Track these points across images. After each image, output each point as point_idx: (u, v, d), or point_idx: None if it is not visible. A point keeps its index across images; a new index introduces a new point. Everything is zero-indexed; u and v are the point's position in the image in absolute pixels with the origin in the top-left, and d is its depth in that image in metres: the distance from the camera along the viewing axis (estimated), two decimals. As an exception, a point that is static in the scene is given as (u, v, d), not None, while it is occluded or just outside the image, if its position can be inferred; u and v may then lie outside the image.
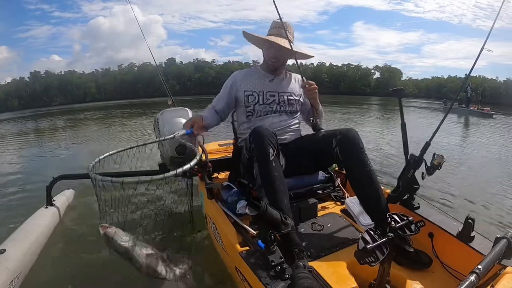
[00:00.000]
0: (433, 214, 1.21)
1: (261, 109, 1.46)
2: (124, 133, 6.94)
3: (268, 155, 1.08)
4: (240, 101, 1.49)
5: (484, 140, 5.86)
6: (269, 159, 1.08)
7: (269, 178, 1.07)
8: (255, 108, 1.46)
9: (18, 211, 2.15)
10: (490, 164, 3.84)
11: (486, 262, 0.78)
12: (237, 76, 1.53)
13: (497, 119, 10.18)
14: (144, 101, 24.14)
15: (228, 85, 1.51)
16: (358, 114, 11.63)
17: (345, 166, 1.24)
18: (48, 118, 14.36)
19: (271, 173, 1.08)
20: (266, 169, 1.08)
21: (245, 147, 1.28)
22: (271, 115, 1.47)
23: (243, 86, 1.48)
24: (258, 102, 1.46)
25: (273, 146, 1.10)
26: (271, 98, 1.48)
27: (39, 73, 42.52)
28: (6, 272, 1.24)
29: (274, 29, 1.45)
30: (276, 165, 1.10)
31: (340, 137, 1.22)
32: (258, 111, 1.46)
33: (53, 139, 6.84)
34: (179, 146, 1.53)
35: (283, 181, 1.10)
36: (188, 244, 1.76)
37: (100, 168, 1.38)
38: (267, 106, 1.47)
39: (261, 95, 1.47)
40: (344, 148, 1.21)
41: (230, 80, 1.52)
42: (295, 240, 1.00)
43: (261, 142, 1.10)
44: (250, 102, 1.46)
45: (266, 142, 1.09)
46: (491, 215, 2.16)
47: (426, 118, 10.18)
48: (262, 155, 1.09)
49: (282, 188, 1.08)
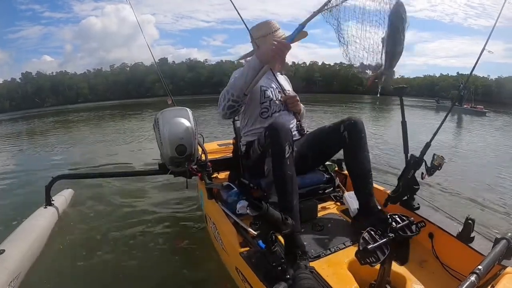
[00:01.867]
0: (433, 214, 1.21)
1: (276, 106, 1.45)
2: (119, 134, 6.94)
3: (284, 151, 1.07)
4: (255, 97, 1.42)
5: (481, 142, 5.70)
6: (284, 155, 1.07)
7: (282, 176, 1.06)
8: (271, 104, 1.44)
9: (17, 211, 2.14)
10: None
11: (486, 262, 0.79)
12: None
13: (490, 117, 10.30)
14: (139, 102, 24.11)
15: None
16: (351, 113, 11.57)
17: (348, 148, 1.28)
18: (40, 119, 14.30)
19: (285, 170, 1.06)
20: (281, 166, 1.07)
21: (257, 143, 1.28)
22: (283, 112, 1.47)
23: (258, 77, 1.33)
24: (273, 99, 1.45)
25: (289, 143, 1.09)
26: (279, 94, 1.49)
27: (30, 74, 42.29)
28: (6, 273, 1.24)
29: (271, 36, 1.41)
30: (291, 163, 1.08)
31: (348, 123, 1.27)
32: (274, 107, 1.44)
33: (50, 140, 6.82)
34: (179, 146, 1.53)
35: (295, 181, 1.09)
36: (188, 244, 1.76)
37: (100, 168, 1.38)
38: (279, 102, 1.47)
39: (273, 92, 1.47)
40: (352, 131, 1.25)
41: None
42: (298, 241, 1.00)
43: (278, 138, 1.08)
44: (267, 98, 1.43)
45: (283, 138, 1.08)
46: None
47: (419, 117, 10.11)
48: (278, 151, 1.07)
49: (294, 188, 1.07)
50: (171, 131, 1.54)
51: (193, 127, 1.59)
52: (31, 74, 42.20)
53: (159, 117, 1.58)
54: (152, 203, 2.37)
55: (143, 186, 2.71)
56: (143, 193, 2.59)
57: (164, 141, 1.55)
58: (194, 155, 1.62)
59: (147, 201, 2.41)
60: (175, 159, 1.57)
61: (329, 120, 6.56)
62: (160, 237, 1.83)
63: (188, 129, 1.56)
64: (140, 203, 2.37)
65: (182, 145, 1.53)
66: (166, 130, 1.54)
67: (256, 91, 1.40)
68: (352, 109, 13.22)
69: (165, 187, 2.66)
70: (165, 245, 1.75)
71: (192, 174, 1.75)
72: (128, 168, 3.52)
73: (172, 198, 2.45)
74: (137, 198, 2.47)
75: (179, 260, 1.61)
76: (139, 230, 1.92)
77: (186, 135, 1.55)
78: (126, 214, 2.16)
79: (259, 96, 1.42)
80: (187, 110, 1.65)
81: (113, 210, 2.24)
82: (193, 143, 1.58)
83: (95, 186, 2.66)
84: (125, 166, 3.60)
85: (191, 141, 1.56)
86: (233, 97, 1.18)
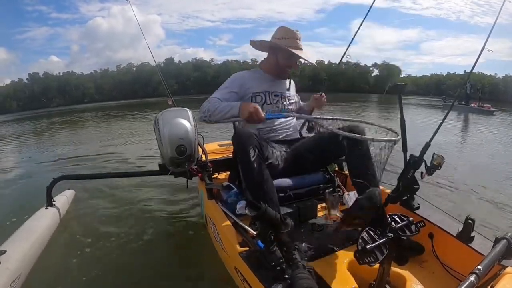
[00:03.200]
0: (433, 214, 1.21)
1: (269, 109, 1.48)
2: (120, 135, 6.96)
3: (249, 155, 1.10)
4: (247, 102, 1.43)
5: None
6: (250, 160, 1.10)
7: (252, 179, 1.10)
8: (264, 107, 1.45)
9: (19, 211, 2.15)
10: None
11: (486, 262, 0.78)
12: (245, 76, 1.53)
13: (498, 116, 9.95)
14: (146, 101, 24.15)
15: (238, 84, 1.48)
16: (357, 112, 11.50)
17: (349, 158, 1.27)
18: (46, 119, 14.36)
19: (253, 174, 1.10)
20: (249, 171, 1.11)
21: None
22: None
23: (251, 87, 1.49)
24: (266, 102, 1.49)
25: (253, 146, 1.12)
26: (276, 98, 1.53)
27: (37, 74, 42.32)
28: (7, 273, 1.24)
29: (291, 40, 1.46)
30: (258, 166, 1.11)
31: (347, 131, 1.25)
32: (267, 111, 1.44)
33: (53, 141, 6.85)
34: (179, 147, 1.53)
35: (267, 180, 1.12)
36: (188, 244, 1.76)
37: (101, 169, 1.38)
38: (274, 105, 1.51)
39: (267, 95, 1.51)
40: (352, 140, 1.20)
41: (240, 80, 1.49)
42: (294, 241, 1.00)
43: (241, 144, 1.15)
44: (258, 103, 1.44)
45: (246, 143, 1.13)
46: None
47: (424, 115, 9.94)
48: (244, 157, 1.12)
49: (266, 187, 1.10)
50: (171, 132, 1.54)
51: (193, 128, 1.59)
52: (38, 74, 42.31)
53: (159, 118, 1.59)
54: (153, 204, 2.38)
55: (144, 186, 2.71)
56: (144, 193, 2.59)
57: (164, 142, 1.55)
58: (194, 156, 1.62)
59: (148, 202, 2.42)
60: (175, 159, 1.57)
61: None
62: (161, 237, 1.84)
63: (188, 129, 1.56)
64: (140, 204, 2.38)
65: (182, 145, 1.54)
66: (166, 131, 1.54)
67: (248, 98, 1.47)
68: (361, 109, 13.04)
69: (165, 187, 2.67)
70: (166, 245, 1.76)
71: (193, 175, 1.76)
72: (129, 168, 3.53)
73: (172, 199, 2.45)
74: (138, 199, 2.47)
75: (179, 260, 1.62)
76: (140, 230, 1.92)
77: (186, 135, 1.55)
78: (127, 215, 2.16)
79: (250, 101, 1.45)
80: (187, 110, 1.65)
81: (114, 210, 2.25)
82: (193, 144, 1.58)
83: (96, 187, 2.67)
84: (126, 167, 3.62)
85: (191, 142, 1.56)
86: (209, 117, 1.33)
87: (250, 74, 1.56)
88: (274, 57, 1.52)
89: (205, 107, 1.34)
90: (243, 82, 1.48)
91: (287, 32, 1.47)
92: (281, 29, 1.49)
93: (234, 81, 1.49)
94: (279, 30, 1.49)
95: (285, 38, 1.46)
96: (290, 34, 1.47)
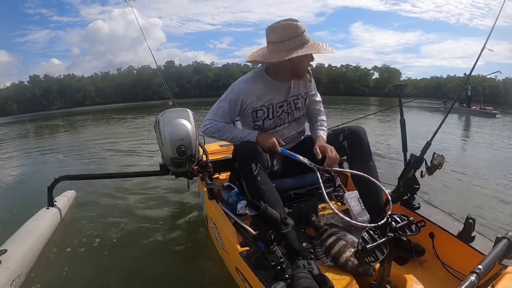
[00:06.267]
0: (434, 214, 1.21)
1: (271, 124, 1.36)
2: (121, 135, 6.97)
3: (252, 169, 1.13)
4: (247, 117, 1.37)
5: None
6: (252, 173, 1.12)
7: (257, 192, 1.12)
8: (265, 122, 1.36)
9: (20, 211, 2.16)
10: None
11: (486, 262, 0.78)
12: (242, 90, 1.31)
13: (501, 118, 9.83)
14: (146, 104, 24.19)
15: (238, 103, 1.32)
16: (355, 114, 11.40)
17: (350, 159, 1.28)
18: (47, 121, 14.38)
19: (258, 187, 1.12)
20: (252, 183, 1.13)
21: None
22: (280, 128, 1.38)
23: (252, 102, 1.32)
24: (268, 117, 1.35)
25: (255, 160, 1.14)
26: (280, 109, 1.36)
27: (38, 77, 42.62)
28: (8, 273, 1.25)
29: (299, 38, 1.18)
30: (262, 177, 1.13)
31: (348, 132, 1.28)
32: (268, 126, 1.37)
33: (54, 142, 6.87)
34: (180, 147, 1.53)
35: (272, 191, 1.14)
36: (189, 244, 1.76)
37: (103, 169, 1.38)
38: (277, 119, 1.37)
39: (271, 109, 1.34)
40: (353, 141, 1.26)
41: (236, 97, 1.31)
42: (296, 241, 1.00)
43: (243, 159, 1.17)
44: (259, 117, 1.35)
45: (248, 158, 1.15)
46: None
47: (423, 118, 9.63)
48: (246, 170, 1.14)
49: (272, 198, 1.11)
50: (171, 132, 1.54)
51: (194, 128, 1.59)
52: (39, 77, 42.64)
53: (159, 118, 1.59)
54: (153, 204, 2.38)
55: (145, 186, 2.71)
56: (145, 193, 2.60)
57: (165, 142, 1.55)
58: (195, 156, 1.62)
59: (149, 202, 2.42)
60: (176, 159, 1.57)
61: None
62: (162, 237, 1.84)
63: (188, 130, 1.56)
64: (141, 204, 2.38)
65: (182, 145, 1.53)
66: (166, 131, 1.55)
67: (248, 114, 1.35)
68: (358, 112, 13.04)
69: (166, 187, 2.67)
70: (166, 245, 1.75)
71: (193, 175, 1.76)
72: (129, 169, 3.54)
73: (173, 199, 2.46)
74: (138, 199, 2.48)
75: (180, 260, 1.62)
76: (140, 230, 1.93)
77: (187, 136, 1.55)
78: (128, 215, 2.16)
79: (251, 116, 1.35)
80: (188, 111, 1.65)
81: (114, 211, 2.25)
82: (193, 144, 1.58)
83: (97, 187, 2.68)
84: (126, 167, 3.62)
85: (191, 142, 1.56)
86: (217, 137, 1.34)
87: (248, 84, 1.32)
88: (290, 63, 1.22)
89: (215, 127, 1.30)
90: (244, 98, 1.31)
91: (289, 32, 1.17)
92: (277, 29, 1.19)
93: (230, 102, 1.32)
94: (276, 32, 1.19)
95: (290, 39, 1.16)
96: (293, 33, 1.17)
